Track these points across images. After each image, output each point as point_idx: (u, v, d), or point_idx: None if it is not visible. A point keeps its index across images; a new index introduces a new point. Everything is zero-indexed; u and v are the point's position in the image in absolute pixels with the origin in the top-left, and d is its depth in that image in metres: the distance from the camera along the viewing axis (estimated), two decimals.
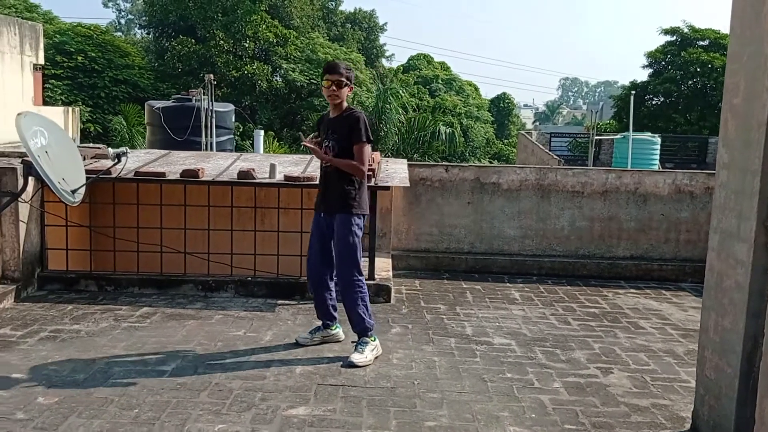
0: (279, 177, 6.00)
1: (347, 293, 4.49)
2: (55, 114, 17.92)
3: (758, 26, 3.04)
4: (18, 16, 23.01)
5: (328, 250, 4.60)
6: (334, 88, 4.45)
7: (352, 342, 4.58)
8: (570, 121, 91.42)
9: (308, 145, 4.51)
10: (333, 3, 44.00)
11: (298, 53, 34.57)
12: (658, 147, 20.59)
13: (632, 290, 6.89)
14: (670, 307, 6.29)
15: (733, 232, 3.20)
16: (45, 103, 22.74)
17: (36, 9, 34.67)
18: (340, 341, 4.79)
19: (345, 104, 4.55)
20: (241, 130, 27.91)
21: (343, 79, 4.47)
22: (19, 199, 5.45)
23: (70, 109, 21.47)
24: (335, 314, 4.77)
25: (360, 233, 4.54)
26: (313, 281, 4.68)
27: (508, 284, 6.88)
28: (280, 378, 4.13)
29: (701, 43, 30.80)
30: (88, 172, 5.60)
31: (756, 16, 3.07)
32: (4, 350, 4.44)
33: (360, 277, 4.53)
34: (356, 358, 4.40)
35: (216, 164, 6.59)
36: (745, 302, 3.02)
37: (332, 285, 4.71)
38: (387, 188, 6.08)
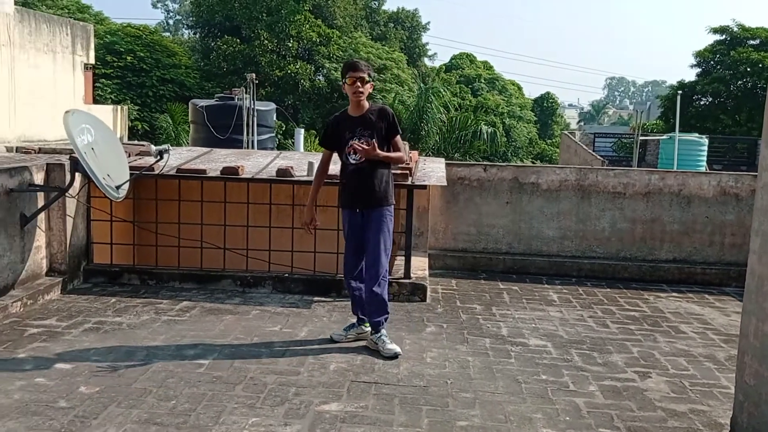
0: None
1: (378, 282, 4.59)
2: (105, 112, 18.40)
3: None
4: (70, 17, 23.68)
5: (362, 246, 4.68)
6: (359, 84, 4.51)
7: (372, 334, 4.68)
8: (616, 121, 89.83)
9: (361, 147, 4.49)
10: (376, 2, 44.13)
11: (341, 53, 34.77)
12: (705, 148, 20.11)
13: (674, 294, 6.75)
14: (713, 312, 6.15)
15: None
16: (95, 101, 23.35)
17: (88, 10, 35.64)
18: None
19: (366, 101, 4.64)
20: (283, 128, 28.22)
21: (365, 75, 4.54)
22: (67, 194, 5.63)
23: (119, 107, 22.02)
24: None
25: (392, 225, 4.69)
26: (352, 277, 4.74)
27: (546, 285, 6.81)
28: (313, 374, 4.18)
29: (752, 42, 29.94)
30: (131, 168, 5.75)
31: None
32: (50, 340, 4.58)
33: (387, 268, 4.68)
34: (396, 347, 4.54)
35: (256, 162, 6.68)
36: None
37: None
38: (424, 187, 6.08)
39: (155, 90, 30.67)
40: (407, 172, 5.82)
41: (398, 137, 4.67)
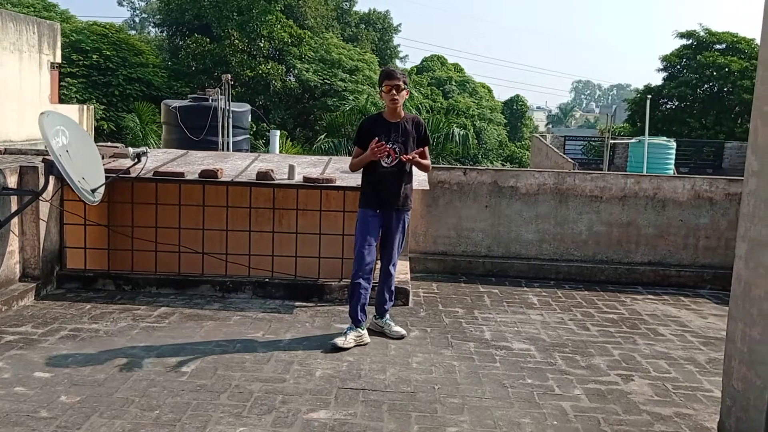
0: (298, 178, 5.99)
1: (391, 278, 5.04)
2: (70, 112, 18.05)
3: None
4: (36, 16, 23.18)
5: (376, 246, 4.89)
6: (395, 92, 4.73)
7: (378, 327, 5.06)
8: (583, 124, 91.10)
9: (414, 156, 4.79)
10: (347, 3, 44.07)
11: (312, 53, 34.65)
12: (674, 151, 20.44)
13: (650, 296, 6.83)
14: (689, 314, 6.24)
15: (763, 241, 3.16)
16: (60, 101, 22.90)
17: (54, 8, 34.98)
18: (367, 344, 4.81)
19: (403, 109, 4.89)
20: (254, 129, 27.98)
21: (401, 83, 4.74)
22: (40, 197, 5.48)
23: (85, 107, 21.62)
24: (366, 314, 4.93)
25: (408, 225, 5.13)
26: (364, 277, 4.82)
27: (525, 288, 6.84)
28: (300, 381, 4.12)
29: (718, 46, 30.55)
30: (107, 171, 5.63)
31: None
32: (27, 348, 4.46)
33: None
34: (402, 329, 5.07)
35: (234, 165, 6.59)
36: None
37: None
38: None
39: (122, 89, 30.22)
40: None
41: (427, 148, 4.96)
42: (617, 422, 3.79)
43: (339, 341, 4.70)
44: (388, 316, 5.09)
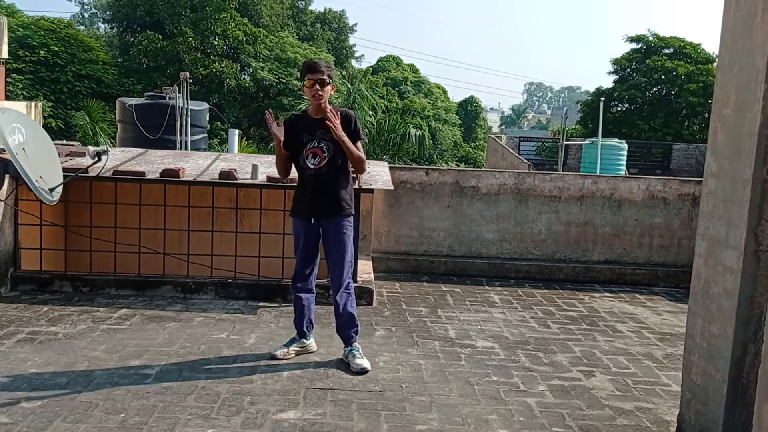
0: (261, 178, 5.94)
1: (343, 295, 4.41)
2: (18, 109, 17.48)
3: (749, 39, 3.12)
4: None
5: (314, 256, 4.49)
6: (318, 87, 4.26)
7: (346, 349, 4.48)
8: (535, 125, 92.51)
9: (334, 124, 4.16)
10: (303, 2, 43.82)
11: (267, 52, 34.35)
12: (625, 153, 20.95)
13: (607, 294, 7.00)
14: (645, 311, 6.41)
15: (722, 240, 3.27)
16: (7, 97, 22.17)
17: None
18: (313, 352, 4.63)
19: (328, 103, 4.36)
20: (208, 128, 27.60)
21: (325, 77, 4.28)
22: None
23: (33, 104, 20.97)
24: (313, 324, 4.67)
25: (353, 234, 4.51)
26: (303, 289, 4.49)
27: (486, 287, 6.93)
28: (267, 382, 4.10)
29: (666, 51, 31.45)
30: (64, 170, 5.49)
31: (747, 29, 3.14)
32: None
33: (351, 279, 4.52)
34: (366, 363, 4.36)
35: (195, 164, 6.50)
36: (735, 309, 3.08)
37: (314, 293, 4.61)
38: (371, 191, 6.08)
39: (71, 86, 29.42)
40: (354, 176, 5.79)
41: (360, 143, 4.41)
42: (581, 417, 3.87)
43: (279, 353, 4.48)
44: (355, 345, 4.47)
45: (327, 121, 4.17)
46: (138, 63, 32.83)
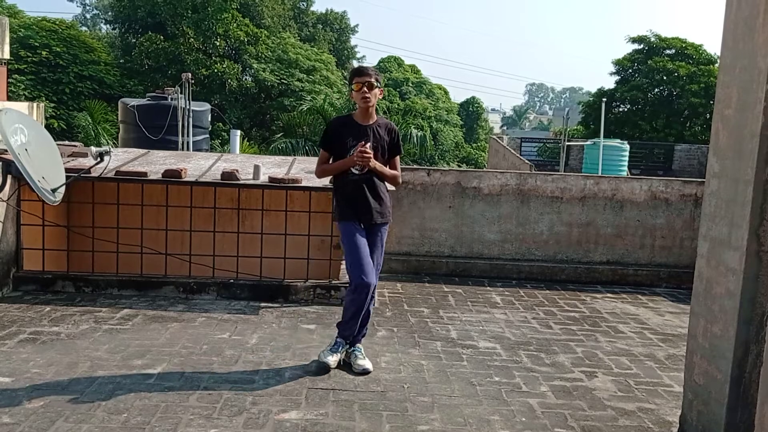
0: (263, 178, 5.95)
1: (371, 297, 4.41)
2: (20, 109, 17.52)
3: (751, 40, 3.12)
4: None
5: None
6: (366, 89, 4.23)
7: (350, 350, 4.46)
8: (537, 126, 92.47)
9: (367, 152, 4.21)
10: (304, 3, 43.86)
11: (269, 53, 34.38)
12: (627, 153, 20.94)
13: (609, 295, 7.00)
14: (647, 312, 6.41)
15: (724, 240, 3.27)
16: (8, 98, 22.21)
17: (0, 3, 33.86)
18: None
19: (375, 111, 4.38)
20: (210, 129, 27.64)
21: (373, 80, 4.25)
22: None
23: (35, 104, 21.00)
24: None
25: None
26: (369, 294, 4.31)
27: (488, 288, 6.93)
28: (269, 382, 4.10)
29: (668, 51, 31.45)
30: (67, 170, 5.49)
31: (749, 30, 3.14)
32: None
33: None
34: (368, 364, 4.36)
35: (197, 164, 6.51)
36: (737, 309, 3.09)
37: None
38: None
39: (72, 87, 29.45)
40: None
41: (398, 158, 4.47)
42: (583, 417, 3.87)
43: (331, 361, 4.34)
44: (357, 346, 4.45)
45: (358, 160, 4.20)
46: (140, 64, 32.88)
